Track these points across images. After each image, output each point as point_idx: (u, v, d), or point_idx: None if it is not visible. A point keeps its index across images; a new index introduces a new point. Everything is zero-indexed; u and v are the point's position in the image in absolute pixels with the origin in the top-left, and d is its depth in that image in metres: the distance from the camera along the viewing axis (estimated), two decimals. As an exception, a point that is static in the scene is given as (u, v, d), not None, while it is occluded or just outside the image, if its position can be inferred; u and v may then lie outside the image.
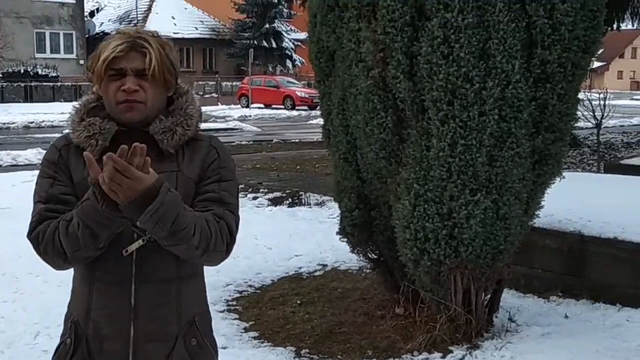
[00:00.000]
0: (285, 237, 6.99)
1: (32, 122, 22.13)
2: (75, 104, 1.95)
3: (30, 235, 1.83)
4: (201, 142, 1.96)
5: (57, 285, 4.55)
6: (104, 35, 31.42)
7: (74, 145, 1.89)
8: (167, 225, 1.68)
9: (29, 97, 31.87)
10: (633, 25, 16.74)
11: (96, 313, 1.86)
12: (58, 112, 22.53)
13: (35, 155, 12.83)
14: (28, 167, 11.58)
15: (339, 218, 4.95)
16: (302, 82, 36.73)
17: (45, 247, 1.80)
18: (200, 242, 1.76)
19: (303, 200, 8.83)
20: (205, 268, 2.01)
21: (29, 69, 33.18)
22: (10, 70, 32.83)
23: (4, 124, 21.69)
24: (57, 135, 2.02)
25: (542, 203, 4.39)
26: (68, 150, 1.90)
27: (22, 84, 32.12)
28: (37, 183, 1.91)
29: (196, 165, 1.91)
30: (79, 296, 1.91)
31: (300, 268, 6.05)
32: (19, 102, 30.65)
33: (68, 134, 1.93)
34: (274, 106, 31.96)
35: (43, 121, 22.35)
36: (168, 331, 1.89)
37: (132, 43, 1.82)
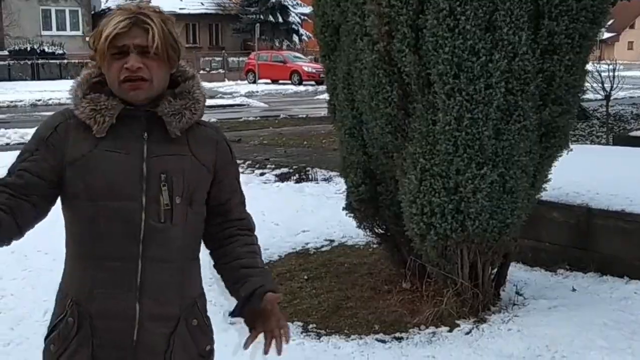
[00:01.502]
0: (292, 213, 6.99)
1: (39, 100, 22.11)
2: (78, 78, 1.90)
3: None
4: (205, 127, 1.96)
5: (66, 263, 4.58)
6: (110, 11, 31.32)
7: (76, 121, 1.83)
8: None
9: (36, 75, 31.86)
10: (644, -5, 16.48)
11: (100, 291, 1.84)
12: (65, 90, 22.12)
13: (42, 133, 12.83)
14: (36, 145, 11.58)
15: (345, 193, 4.94)
16: (309, 57, 36.49)
17: None
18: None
19: (310, 176, 8.81)
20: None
21: (35, 47, 33.12)
22: (16, 48, 32.78)
23: (12, 102, 21.72)
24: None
25: (550, 176, 4.37)
26: (67, 127, 1.84)
27: (29, 62, 32.08)
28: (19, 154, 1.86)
29: (209, 153, 1.92)
30: (78, 275, 1.88)
31: (307, 243, 6.06)
32: (26, 80, 30.66)
33: (69, 109, 1.87)
34: (281, 82, 31.83)
35: (50, 99, 22.33)
36: (171, 311, 1.88)
37: (134, 19, 1.79)
